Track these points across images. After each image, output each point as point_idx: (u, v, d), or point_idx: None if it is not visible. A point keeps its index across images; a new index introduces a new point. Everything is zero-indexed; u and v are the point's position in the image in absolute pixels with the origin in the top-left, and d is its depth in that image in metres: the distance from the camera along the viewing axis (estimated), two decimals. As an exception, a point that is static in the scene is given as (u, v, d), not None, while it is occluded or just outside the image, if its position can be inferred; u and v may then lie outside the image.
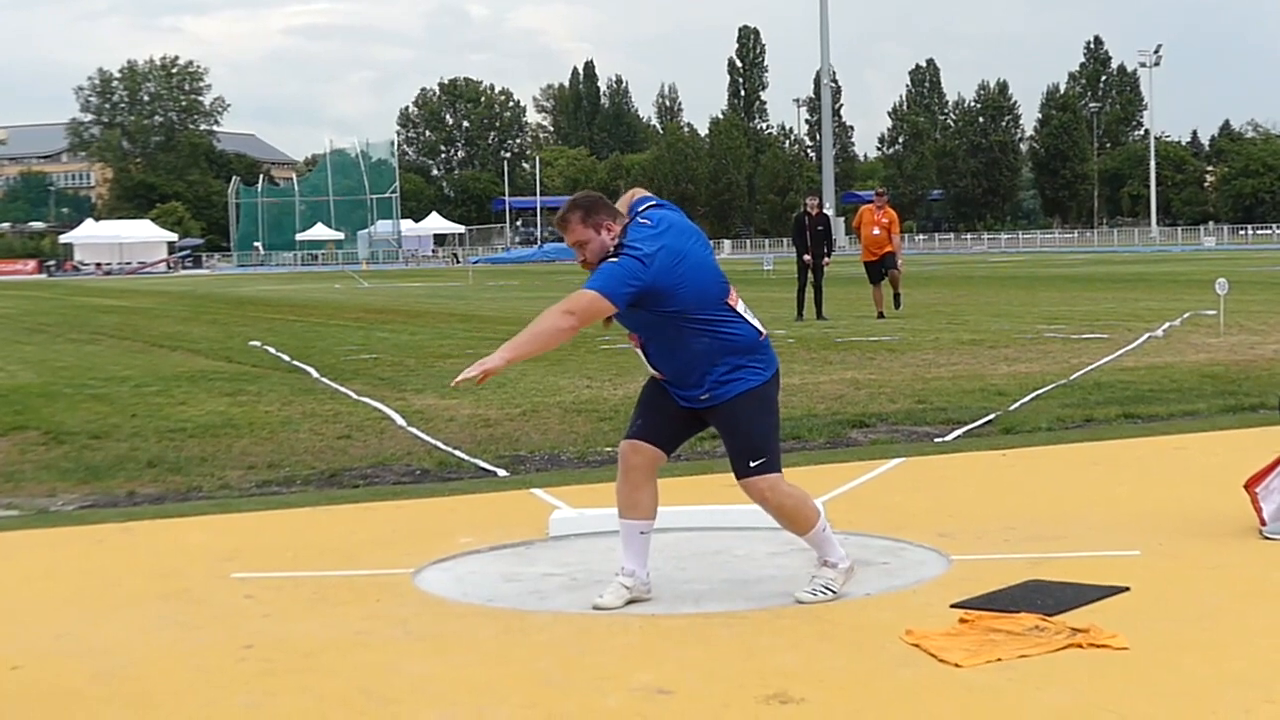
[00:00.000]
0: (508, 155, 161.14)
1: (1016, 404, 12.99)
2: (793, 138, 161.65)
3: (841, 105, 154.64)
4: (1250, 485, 7.50)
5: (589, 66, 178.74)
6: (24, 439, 12.47)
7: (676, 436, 6.77)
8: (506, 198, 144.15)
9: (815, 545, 6.57)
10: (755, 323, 6.56)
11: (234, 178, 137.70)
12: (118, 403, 14.84)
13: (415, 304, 38.44)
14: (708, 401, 6.49)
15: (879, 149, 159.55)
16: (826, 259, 26.71)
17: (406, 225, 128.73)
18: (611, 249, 6.44)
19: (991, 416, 12.28)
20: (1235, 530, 7.51)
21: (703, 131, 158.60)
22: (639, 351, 6.62)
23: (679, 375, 6.49)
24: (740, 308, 6.52)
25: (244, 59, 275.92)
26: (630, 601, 6.51)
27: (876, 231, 26.98)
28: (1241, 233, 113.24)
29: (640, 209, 6.67)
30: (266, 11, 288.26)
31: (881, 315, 25.84)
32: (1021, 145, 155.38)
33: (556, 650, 5.78)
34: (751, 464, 6.48)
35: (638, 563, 6.63)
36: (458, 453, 11.07)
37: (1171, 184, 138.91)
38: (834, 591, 6.48)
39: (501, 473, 10.32)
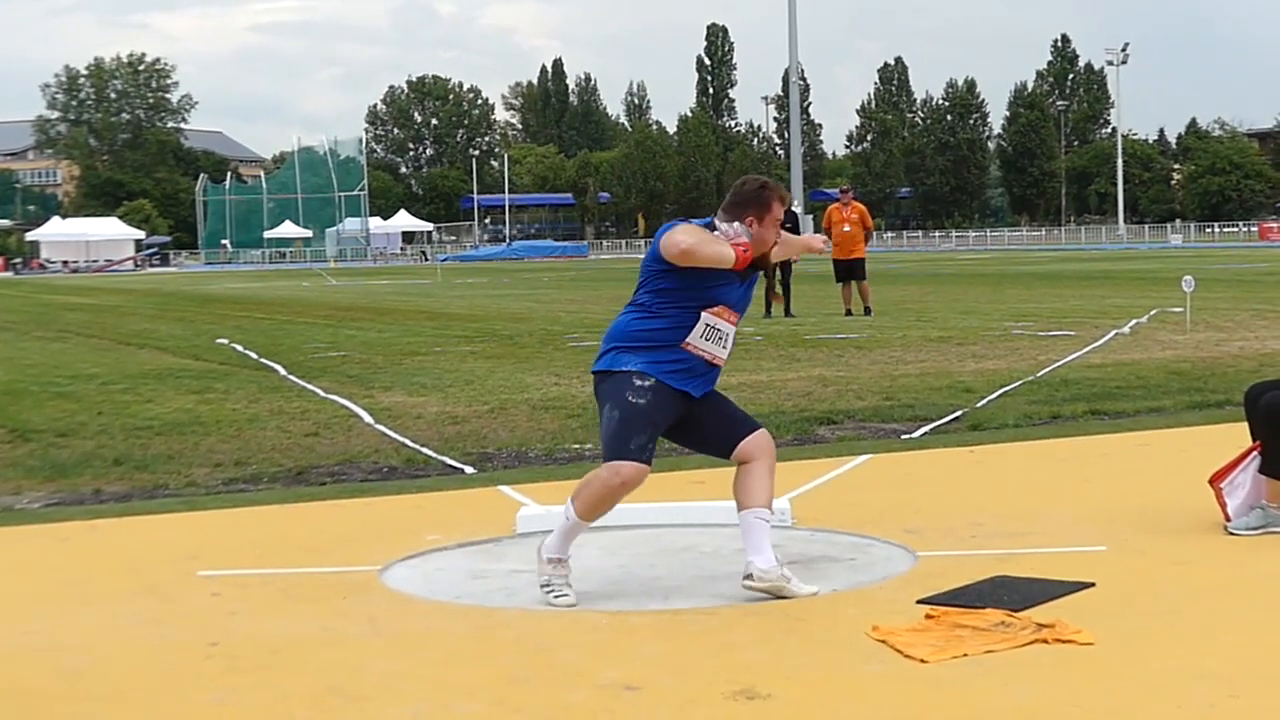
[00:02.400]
0: (476, 153, 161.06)
1: (984, 401, 13.02)
2: (761, 135, 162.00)
3: (810, 103, 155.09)
4: (1215, 481, 7.53)
5: (557, 64, 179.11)
6: (-11, 437, 12.41)
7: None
8: (475, 195, 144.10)
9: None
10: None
11: (201, 175, 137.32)
12: (84, 400, 14.78)
13: (383, 302, 38.37)
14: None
15: (847, 147, 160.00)
16: (794, 257, 26.71)
17: (375, 223, 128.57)
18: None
19: (959, 413, 12.31)
20: (1201, 526, 7.54)
21: (671, 129, 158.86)
22: (729, 335, 6.62)
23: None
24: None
25: (212, 56, 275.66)
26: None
27: (847, 228, 27.03)
28: (1208, 230, 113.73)
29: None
30: (234, 9, 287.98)
31: (849, 313, 25.89)
32: (989, 143, 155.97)
33: (524, 647, 5.78)
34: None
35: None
36: (425, 450, 11.05)
37: (1139, 182, 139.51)
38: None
39: (469, 470, 10.30)
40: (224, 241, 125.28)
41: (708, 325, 6.51)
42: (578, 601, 6.42)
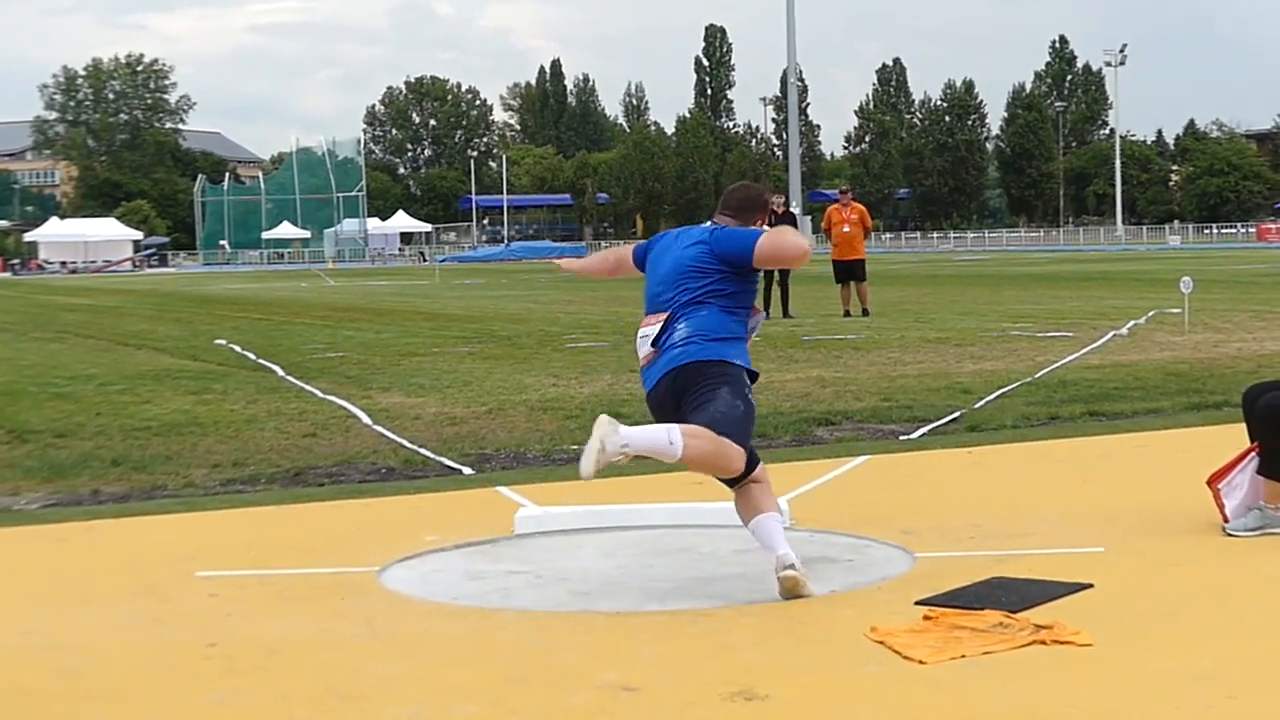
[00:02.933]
0: (474, 154, 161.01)
1: (982, 402, 13.02)
2: (759, 136, 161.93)
3: (808, 104, 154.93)
4: (1213, 482, 7.53)
5: (556, 65, 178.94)
6: (-13, 438, 12.41)
7: None
8: (473, 196, 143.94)
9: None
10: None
11: (200, 176, 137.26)
12: (82, 401, 14.78)
13: (381, 302, 38.36)
14: None
15: (846, 148, 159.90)
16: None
17: (373, 224, 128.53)
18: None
19: (957, 414, 12.31)
20: (1198, 527, 7.54)
21: (669, 130, 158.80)
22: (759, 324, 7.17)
23: None
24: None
25: (210, 57, 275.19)
26: None
27: (847, 229, 27.13)
28: (1206, 231, 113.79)
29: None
30: (232, 9, 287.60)
31: (848, 314, 25.91)
32: (988, 144, 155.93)
33: (521, 648, 5.78)
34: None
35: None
36: (423, 451, 11.05)
37: (1137, 183, 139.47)
38: None
39: (467, 471, 10.30)
40: (222, 242, 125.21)
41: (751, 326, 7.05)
42: None
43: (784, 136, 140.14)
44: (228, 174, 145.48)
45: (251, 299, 43.53)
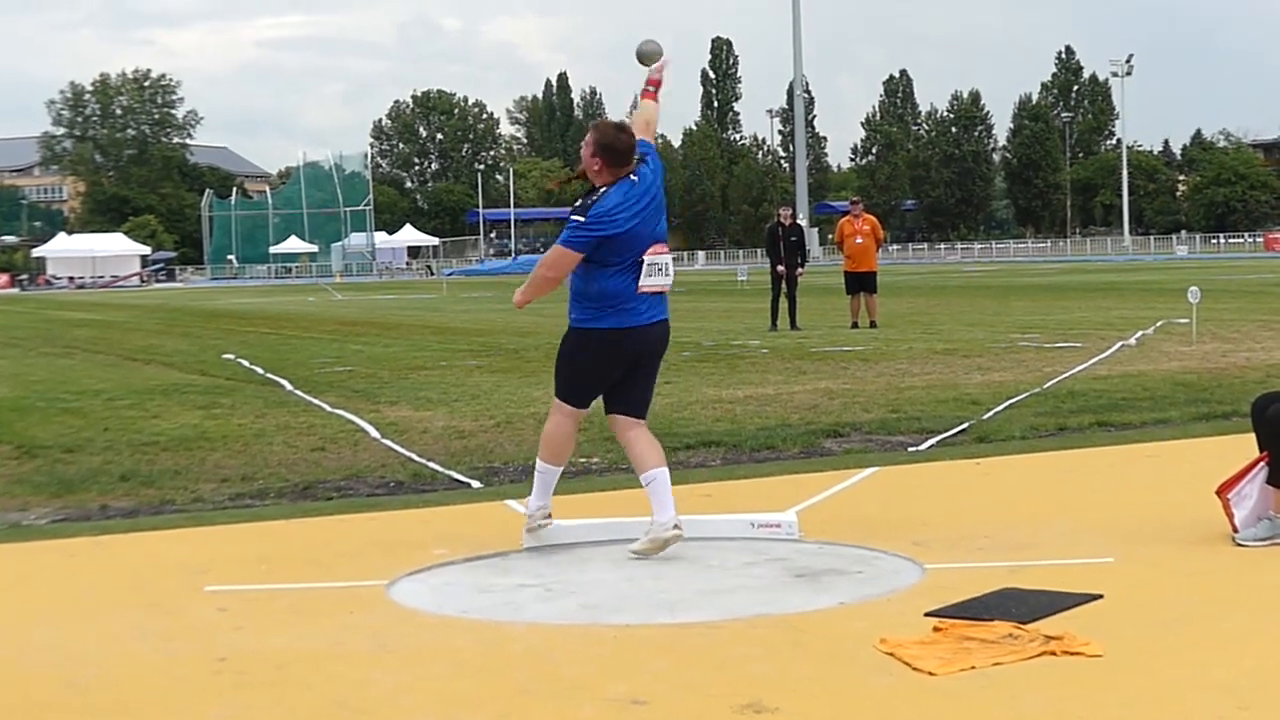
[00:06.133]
0: (481, 167, 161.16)
1: (990, 413, 13.01)
2: (766, 148, 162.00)
3: (814, 116, 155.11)
4: (1222, 492, 7.52)
5: (562, 78, 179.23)
6: (-4, 453, 12.42)
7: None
8: (480, 209, 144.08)
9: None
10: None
11: (207, 191, 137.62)
12: (91, 416, 14.79)
13: (389, 316, 38.40)
14: None
15: (852, 159, 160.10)
16: (800, 269, 26.80)
17: (380, 237, 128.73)
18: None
19: (965, 425, 12.30)
20: (1208, 537, 7.53)
21: (676, 142, 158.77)
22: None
23: None
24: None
25: (217, 72, 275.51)
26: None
27: (859, 240, 27.21)
28: (1214, 241, 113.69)
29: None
30: (239, 24, 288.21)
31: (855, 325, 25.92)
32: (994, 155, 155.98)
33: (531, 661, 5.78)
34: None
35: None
36: (432, 464, 11.05)
37: (1144, 193, 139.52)
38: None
39: (476, 484, 10.30)
40: (230, 257, 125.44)
41: None
42: None
43: (790, 148, 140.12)
44: (235, 188, 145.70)
45: (259, 313, 43.57)
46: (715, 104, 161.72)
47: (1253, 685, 5.15)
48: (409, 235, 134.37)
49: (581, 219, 7.45)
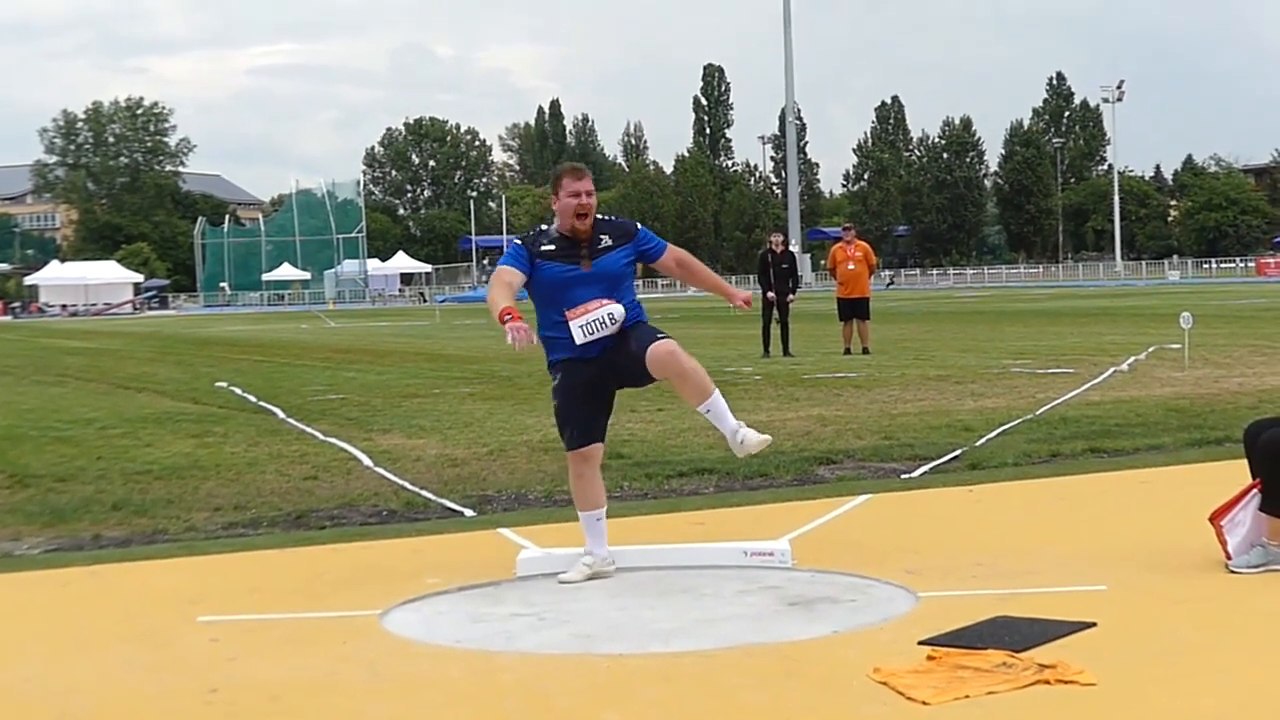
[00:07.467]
0: (474, 194, 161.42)
1: (983, 439, 13.01)
2: (758, 175, 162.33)
3: (806, 142, 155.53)
4: (1215, 519, 7.52)
5: (554, 105, 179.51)
6: (-12, 482, 12.40)
7: (605, 419, 8.04)
8: (473, 236, 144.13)
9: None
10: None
11: (200, 218, 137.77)
12: (83, 445, 14.78)
13: (382, 343, 38.37)
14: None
15: (844, 185, 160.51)
16: (792, 296, 26.82)
17: (373, 265, 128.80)
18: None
19: (958, 452, 12.30)
20: (1201, 564, 7.53)
21: (668, 169, 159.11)
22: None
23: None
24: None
25: (209, 100, 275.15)
26: (592, 577, 7.77)
27: (852, 266, 27.25)
28: (1205, 266, 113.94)
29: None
30: (232, 52, 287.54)
31: (848, 351, 25.94)
32: (986, 181, 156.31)
33: (524, 691, 5.76)
34: (659, 334, 8.01)
35: (598, 544, 7.92)
36: (425, 493, 11.04)
37: (1135, 218, 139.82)
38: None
39: (469, 513, 10.29)
40: (222, 284, 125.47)
41: None
42: None
43: (783, 175, 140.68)
44: (228, 216, 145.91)
45: (252, 341, 43.54)
46: (708, 131, 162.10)
47: (1246, 713, 5.15)
48: (402, 262, 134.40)
49: None
